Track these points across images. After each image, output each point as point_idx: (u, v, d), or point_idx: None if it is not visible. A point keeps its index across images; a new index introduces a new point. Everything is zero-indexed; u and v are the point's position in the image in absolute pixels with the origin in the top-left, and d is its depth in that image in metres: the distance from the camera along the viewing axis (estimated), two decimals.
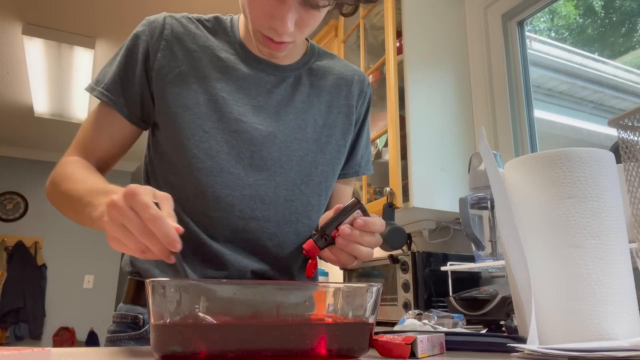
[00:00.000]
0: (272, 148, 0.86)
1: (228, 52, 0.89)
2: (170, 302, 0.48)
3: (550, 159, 0.62)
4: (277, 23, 0.75)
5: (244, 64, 0.88)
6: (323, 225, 0.73)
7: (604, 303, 0.57)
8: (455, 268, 1.49)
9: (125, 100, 0.86)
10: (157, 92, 0.85)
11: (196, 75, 0.85)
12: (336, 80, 0.96)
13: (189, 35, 0.88)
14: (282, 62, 0.90)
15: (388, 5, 2.00)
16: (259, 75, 0.88)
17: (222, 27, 0.91)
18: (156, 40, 0.86)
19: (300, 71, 0.92)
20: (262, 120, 0.86)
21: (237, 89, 0.86)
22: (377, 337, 0.60)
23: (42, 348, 0.47)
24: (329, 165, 0.92)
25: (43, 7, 2.87)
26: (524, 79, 1.94)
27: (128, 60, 0.86)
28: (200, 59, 0.86)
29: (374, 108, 2.22)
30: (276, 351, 0.48)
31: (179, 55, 0.86)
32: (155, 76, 0.85)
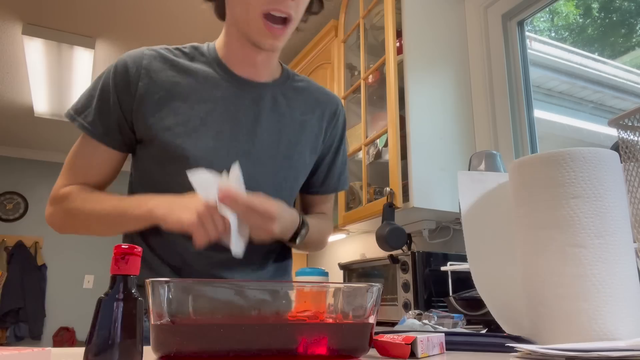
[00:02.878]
0: (248, 164, 0.91)
1: (206, 72, 0.92)
2: (170, 302, 0.48)
3: (554, 159, 0.62)
4: None
5: (223, 82, 0.92)
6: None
7: (608, 303, 0.57)
8: (455, 268, 1.49)
9: (104, 130, 0.90)
10: (138, 119, 0.89)
11: (175, 97, 0.89)
12: (310, 102, 1.01)
13: (168, 63, 0.91)
14: (260, 79, 0.95)
15: (388, 5, 1.99)
16: (237, 93, 0.92)
17: (199, 52, 0.95)
18: (135, 71, 0.89)
19: (277, 90, 0.97)
20: (239, 136, 0.91)
21: (216, 108, 0.90)
22: (377, 337, 0.60)
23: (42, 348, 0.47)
24: (295, 181, 1.00)
25: (43, 7, 2.87)
26: (524, 79, 1.94)
27: (106, 92, 0.90)
28: (179, 83, 0.90)
29: (374, 108, 2.22)
30: (276, 351, 0.48)
31: (158, 82, 0.89)
32: (136, 105, 0.89)
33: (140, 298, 0.48)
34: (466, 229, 0.80)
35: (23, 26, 3.04)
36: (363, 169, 2.10)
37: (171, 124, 0.88)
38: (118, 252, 0.48)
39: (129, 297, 0.47)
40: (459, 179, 0.82)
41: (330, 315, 0.52)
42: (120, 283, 0.47)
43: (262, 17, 0.83)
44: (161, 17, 2.91)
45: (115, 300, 0.46)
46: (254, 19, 0.83)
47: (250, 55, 0.92)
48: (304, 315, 0.51)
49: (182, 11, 2.86)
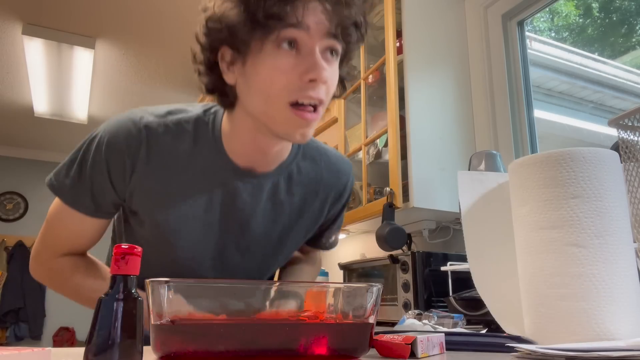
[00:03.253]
0: (236, 253, 0.89)
1: (207, 162, 0.83)
2: (170, 302, 0.48)
3: (554, 159, 0.62)
4: (313, 72, 0.70)
5: (223, 173, 0.83)
6: None
7: (608, 303, 0.57)
8: (455, 268, 1.49)
9: (96, 207, 0.83)
10: (129, 201, 0.84)
11: (171, 190, 0.82)
12: (314, 186, 0.92)
13: (165, 151, 0.81)
14: (264, 169, 0.85)
15: (388, 5, 2.00)
16: (237, 185, 0.84)
17: (202, 132, 0.83)
18: (131, 155, 0.80)
19: (279, 176, 0.88)
20: (231, 229, 0.87)
21: (211, 201, 0.84)
22: (377, 337, 0.60)
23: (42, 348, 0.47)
24: (286, 257, 0.98)
25: (43, 7, 2.87)
26: (524, 79, 1.94)
27: (98, 172, 0.81)
28: (174, 176, 0.82)
29: (374, 108, 2.22)
30: (276, 351, 0.48)
31: (152, 176, 0.81)
32: (128, 192, 0.82)
33: (140, 298, 0.48)
34: (466, 229, 0.80)
35: (23, 26, 3.04)
36: (363, 169, 2.10)
37: (161, 220, 0.83)
38: (118, 252, 0.48)
39: (129, 297, 0.47)
40: (459, 179, 0.82)
41: (330, 315, 0.52)
42: (120, 283, 0.47)
43: (289, 107, 0.71)
44: (161, 17, 2.91)
45: (115, 300, 0.46)
46: (279, 110, 0.72)
47: (264, 148, 0.81)
48: (304, 315, 0.51)
49: (182, 11, 2.86)
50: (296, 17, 0.68)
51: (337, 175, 0.95)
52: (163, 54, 3.38)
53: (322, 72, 0.70)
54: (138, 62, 3.50)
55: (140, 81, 3.77)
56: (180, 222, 0.83)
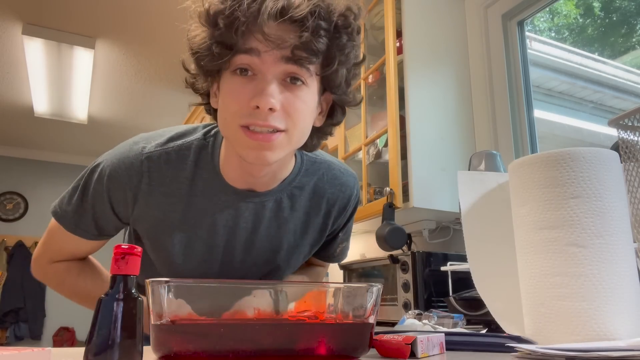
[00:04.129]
0: (241, 269, 0.89)
1: (207, 187, 0.83)
2: (170, 302, 0.48)
3: (554, 159, 0.62)
4: (257, 99, 0.68)
5: (224, 197, 0.83)
6: None
7: (608, 303, 0.57)
8: (455, 268, 1.49)
9: (99, 232, 0.86)
10: (132, 225, 0.86)
11: (172, 218, 0.83)
12: (317, 200, 0.91)
13: (167, 180, 0.81)
14: (264, 188, 0.84)
15: (388, 5, 2.00)
16: (237, 206, 0.83)
17: (202, 157, 0.83)
18: (132, 189, 0.81)
19: (283, 193, 0.86)
20: (235, 248, 0.87)
21: (214, 224, 0.84)
22: (377, 337, 0.60)
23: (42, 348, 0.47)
24: (291, 270, 0.97)
25: (43, 7, 2.87)
26: (524, 79, 1.94)
27: (100, 203, 0.83)
28: (176, 204, 0.82)
29: (374, 108, 2.22)
30: (276, 351, 0.48)
31: (154, 205, 0.82)
32: (132, 220, 0.85)
33: (140, 298, 0.48)
34: (466, 229, 0.80)
35: (23, 26, 3.04)
36: (363, 169, 2.10)
37: (167, 245, 0.84)
38: (118, 252, 0.48)
39: (129, 297, 0.47)
40: (459, 179, 0.82)
41: (330, 315, 0.52)
42: (120, 283, 0.47)
43: (240, 129, 0.70)
44: (161, 17, 2.91)
45: (115, 300, 0.46)
46: (233, 132, 0.71)
47: (250, 172, 0.80)
48: (304, 315, 0.51)
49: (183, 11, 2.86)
50: (245, 43, 0.68)
51: (340, 189, 0.93)
52: (163, 54, 3.38)
53: (266, 99, 0.68)
54: (138, 62, 3.50)
55: (140, 81, 3.77)
56: (185, 247, 0.85)
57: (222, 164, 0.83)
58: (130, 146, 0.82)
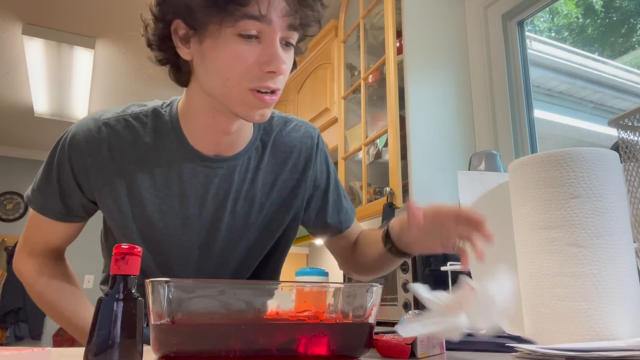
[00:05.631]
0: (218, 239, 0.88)
1: (170, 153, 0.83)
2: (169, 302, 0.48)
3: (554, 159, 0.62)
4: (272, 64, 0.71)
5: (189, 164, 0.83)
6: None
7: (608, 303, 0.57)
8: (455, 268, 1.49)
9: (66, 210, 0.86)
10: (100, 202, 0.85)
11: (136, 184, 0.82)
12: (281, 155, 0.92)
13: (128, 146, 0.82)
14: (229, 152, 0.85)
15: (388, 5, 1.99)
16: (205, 172, 0.84)
17: (162, 122, 0.84)
18: (91, 152, 0.81)
19: (246, 156, 0.88)
20: (208, 215, 0.86)
21: (183, 192, 0.84)
22: (377, 337, 0.60)
23: (42, 348, 0.47)
24: (271, 239, 0.94)
25: (43, 7, 2.87)
26: (524, 79, 1.94)
27: (63, 173, 0.83)
28: (139, 167, 0.82)
29: (374, 108, 2.22)
30: (276, 351, 0.48)
31: (119, 172, 0.82)
32: (95, 189, 0.83)
33: (140, 298, 0.48)
34: None
35: (23, 26, 3.04)
36: (363, 169, 2.10)
37: (133, 212, 0.83)
38: (118, 252, 0.48)
39: (129, 297, 0.47)
40: (459, 179, 0.82)
41: (330, 315, 0.52)
42: (120, 283, 0.47)
43: (249, 91, 0.73)
44: None
45: (115, 300, 0.46)
46: (239, 93, 0.73)
47: (224, 127, 0.81)
48: (304, 315, 0.51)
49: None
50: (259, 10, 0.69)
51: (301, 140, 0.94)
52: None
53: (281, 65, 0.72)
54: (138, 62, 3.50)
55: (140, 81, 3.77)
56: (158, 218, 0.84)
57: (186, 127, 0.83)
58: (91, 116, 0.84)
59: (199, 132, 0.83)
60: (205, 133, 0.82)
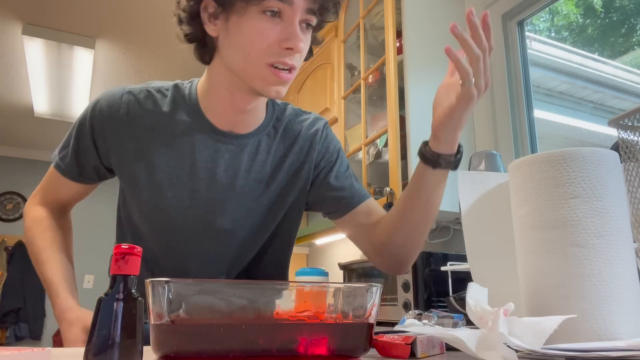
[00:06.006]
0: (225, 219, 0.90)
1: (186, 124, 0.88)
2: (169, 302, 0.48)
3: (554, 159, 0.62)
4: (292, 42, 0.77)
5: (202, 136, 0.88)
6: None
7: (608, 303, 0.57)
8: (455, 268, 1.49)
9: (80, 171, 0.92)
10: (115, 165, 0.90)
11: (151, 150, 0.87)
12: (289, 140, 0.95)
13: (147, 111, 0.88)
14: (242, 130, 0.90)
15: (388, 5, 1.99)
16: (217, 147, 0.88)
17: (181, 95, 0.90)
18: (113, 118, 0.87)
19: (259, 137, 0.92)
20: (216, 192, 0.89)
21: (194, 164, 0.87)
22: (377, 337, 0.60)
23: (42, 348, 0.47)
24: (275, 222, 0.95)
25: (43, 7, 2.87)
26: (524, 79, 1.94)
27: (83, 135, 0.90)
28: (157, 135, 0.87)
29: (374, 108, 2.22)
30: (276, 351, 0.48)
31: (135, 132, 0.87)
32: (112, 153, 0.89)
33: (140, 298, 0.48)
34: (466, 229, 0.80)
35: (23, 26, 3.04)
36: (363, 169, 2.10)
37: (145, 178, 0.87)
38: (118, 252, 0.48)
39: (129, 297, 0.47)
40: (459, 179, 0.82)
41: (330, 315, 0.52)
42: (120, 283, 0.47)
43: (267, 66, 0.78)
44: (161, 17, 2.91)
45: (115, 300, 0.46)
46: (258, 68, 0.79)
47: (241, 104, 0.86)
48: (304, 315, 0.51)
49: None
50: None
51: (308, 126, 0.98)
52: (163, 54, 3.38)
53: (299, 43, 0.78)
54: (138, 62, 3.50)
55: (140, 81, 3.76)
56: (167, 187, 0.87)
57: (204, 101, 0.89)
58: (119, 87, 0.91)
59: (216, 107, 0.88)
60: (222, 109, 0.87)
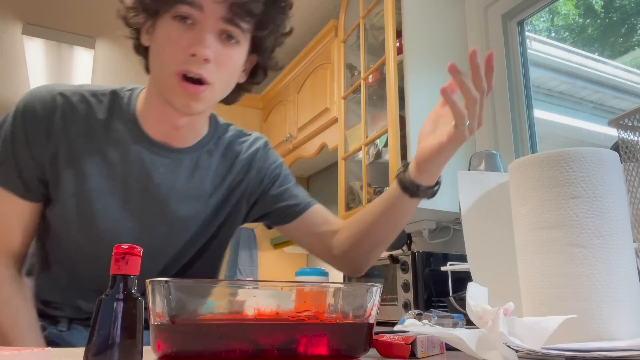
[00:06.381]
0: (155, 237, 0.86)
1: (121, 134, 0.83)
2: (169, 302, 0.48)
3: (554, 159, 0.62)
4: (195, 48, 0.73)
5: (137, 147, 0.84)
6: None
7: (608, 303, 0.57)
8: (455, 268, 1.49)
9: (23, 186, 0.82)
10: (48, 175, 0.82)
11: (85, 160, 0.81)
12: (230, 160, 0.93)
13: (81, 119, 0.82)
14: (179, 144, 0.86)
15: (388, 5, 2.00)
16: (152, 158, 0.84)
17: (118, 104, 0.85)
18: (46, 122, 0.80)
19: (199, 153, 0.89)
20: (149, 207, 0.85)
21: (126, 175, 0.83)
22: (377, 337, 0.60)
23: (42, 348, 0.47)
24: (207, 237, 0.92)
25: (43, 7, 2.87)
26: (524, 79, 1.94)
27: (19, 143, 0.81)
28: (90, 143, 0.82)
29: (374, 108, 2.22)
30: (276, 351, 0.48)
31: (69, 142, 0.81)
32: (48, 160, 0.81)
33: (140, 298, 0.48)
34: (466, 229, 0.80)
35: (23, 26, 3.04)
36: (363, 169, 2.10)
37: (73, 187, 0.81)
38: (118, 252, 0.48)
39: (129, 297, 0.47)
40: (459, 178, 0.82)
41: (330, 315, 0.52)
42: (120, 283, 0.47)
43: (175, 76, 0.74)
44: None
45: (115, 300, 0.46)
46: (167, 77, 0.75)
47: (172, 119, 0.82)
48: (304, 315, 0.51)
49: None
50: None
51: (248, 148, 0.96)
52: None
53: (203, 49, 0.73)
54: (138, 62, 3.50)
55: (140, 81, 3.76)
56: (97, 197, 0.82)
57: (141, 111, 0.85)
58: (42, 86, 0.84)
59: (152, 119, 0.84)
60: (157, 121, 0.84)
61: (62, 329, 0.89)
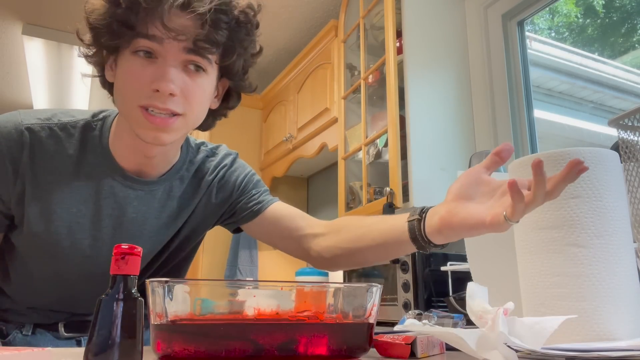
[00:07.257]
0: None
1: (93, 167, 0.80)
2: (169, 302, 0.48)
3: (554, 159, 0.62)
4: (157, 83, 0.70)
5: (109, 180, 0.81)
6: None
7: (608, 303, 0.57)
8: (455, 268, 1.49)
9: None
10: (15, 210, 0.80)
11: (54, 195, 0.79)
12: (199, 182, 0.91)
13: (49, 155, 0.78)
14: (152, 175, 0.84)
15: (388, 5, 2.00)
16: (125, 192, 0.82)
17: (90, 137, 0.82)
18: (13, 165, 0.76)
19: (171, 181, 0.87)
20: (122, 241, 0.81)
21: (98, 211, 0.81)
22: (377, 337, 0.60)
23: (42, 348, 0.47)
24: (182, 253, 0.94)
25: (43, 7, 2.87)
26: (524, 79, 1.94)
27: None
28: (59, 184, 0.79)
29: (374, 108, 2.22)
30: (276, 351, 0.48)
31: (37, 181, 0.78)
32: (14, 201, 0.79)
33: (140, 298, 0.48)
34: None
35: (23, 26, 3.04)
36: (363, 169, 2.10)
37: (38, 226, 0.79)
38: (118, 252, 0.48)
39: (129, 297, 0.47)
40: None
41: (330, 315, 0.52)
42: (120, 283, 0.47)
43: (139, 109, 0.72)
44: None
45: (115, 300, 0.46)
46: (132, 111, 0.73)
47: (144, 150, 0.80)
48: (304, 315, 0.51)
49: None
50: (146, 28, 0.69)
51: (216, 167, 0.93)
52: None
53: (166, 84, 0.70)
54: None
55: None
56: (65, 236, 0.80)
57: (113, 142, 0.82)
58: (8, 118, 0.78)
59: (124, 150, 0.81)
60: (129, 153, 0.81)
61: (27, 333, 0.90)
